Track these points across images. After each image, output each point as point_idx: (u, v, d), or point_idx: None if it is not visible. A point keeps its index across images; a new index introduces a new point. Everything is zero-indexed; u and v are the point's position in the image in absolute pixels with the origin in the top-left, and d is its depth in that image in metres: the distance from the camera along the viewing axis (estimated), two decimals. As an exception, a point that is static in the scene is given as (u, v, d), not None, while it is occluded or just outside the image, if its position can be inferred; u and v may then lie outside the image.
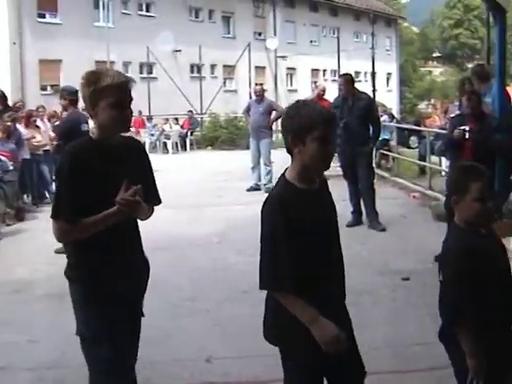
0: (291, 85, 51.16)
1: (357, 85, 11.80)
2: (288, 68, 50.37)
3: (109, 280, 3.80)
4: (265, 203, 3.44)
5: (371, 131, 11.39)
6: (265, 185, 15.32)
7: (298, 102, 3.51)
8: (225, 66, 45.71)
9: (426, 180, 15.83)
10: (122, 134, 3.91)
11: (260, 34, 48.56)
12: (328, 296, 3.44)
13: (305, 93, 40.70)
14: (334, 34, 51.71)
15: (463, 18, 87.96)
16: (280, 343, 3.58)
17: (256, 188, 15.60)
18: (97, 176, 3.69)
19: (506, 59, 9.24)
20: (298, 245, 3.34)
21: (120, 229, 3.75)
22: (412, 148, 26.70)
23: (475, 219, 3.61)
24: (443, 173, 16.28)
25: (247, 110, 16.09)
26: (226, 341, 6.10)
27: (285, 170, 3.53)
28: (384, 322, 6.54)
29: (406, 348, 5.93)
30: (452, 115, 17.07)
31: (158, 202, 4.11)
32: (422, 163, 17.75)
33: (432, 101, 46.97)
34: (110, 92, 3.66)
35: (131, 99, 3.77)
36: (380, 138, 13.94)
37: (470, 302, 3.50)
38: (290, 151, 3.46)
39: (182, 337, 6.38)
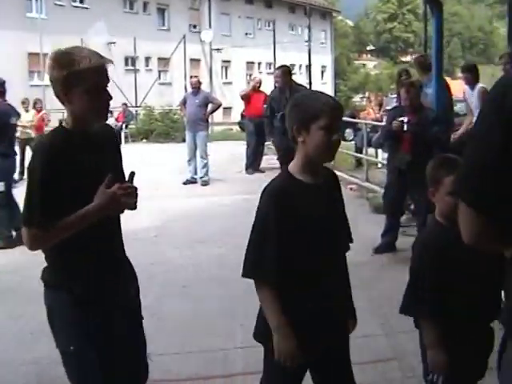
0: (226, 77, 51.08)
1: (293, 77, 11.78)
2: (223, 61, 50.33)
3: (95, 283, 3.37)
4: (262, 192, 3.35)
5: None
6: (201, 178, 15.26)
7: (304, 91, 3.42)
8: (160, 58, 45.45)
9: (362, 172, 15.90)
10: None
11: (195, 27, 48.39)
12: (328, 293, 3.33)
13: (240, 85, 40.57)
14: (269, 26, 51.80)
15: (397, 11, 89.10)
16: (263, 340, 3.46)
17: (192, 181, 15.46)
18: (75, 171, 3.24)
19: (442, 52, 9.31)
20: (293, 238, 3.24)
21: (105, 223, 3.34)
22: (347, 140, 26.85)
23: (449, 213, 3.50)
24: (380, 165, 16.41)
25: (183, 103, 15.93)
26: (165, 337, 5.96)
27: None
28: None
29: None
30: (389, 107, 17.26)
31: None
32: (359, 155, 17.83)
33: (366, 94, 47.23)
34: (86, 76, 3.18)
35: (108, 82, 3.36)
36: (316, 131, 13.87)
37: (431, 295, 3.44)
38: (294, 141, 3.34)
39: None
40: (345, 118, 25.46)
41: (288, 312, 3.25)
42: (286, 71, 11.29)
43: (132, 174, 3.40)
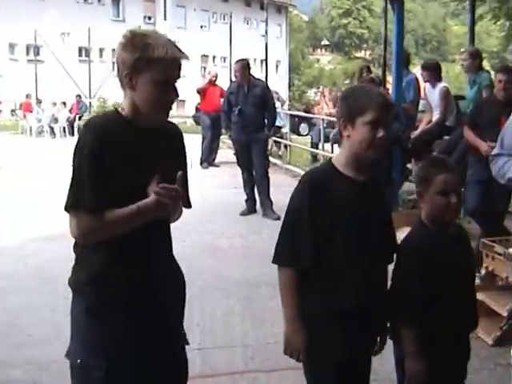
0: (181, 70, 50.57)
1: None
2: (178, 53, 50.00)
3: (126, 291, 2.99)
4: (300, 179, 3.30)
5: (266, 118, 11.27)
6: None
7: (355, 85, 3.31)
8: (114, 49, 44.68)
9: (318, 168, 15.86)
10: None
11: (150, 18, 48.04)
12: (361, 296, 3.23)
13: (194, 79, 40.38)
14: (224, 19, 51.65)
15: (352, 7, 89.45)
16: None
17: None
18: (125, 162, 2.91)
19: (403, 49, 9.29)
20: (327, 230, 3.17)
21: (148, 226, 2.94)
22: (302, 135, 26.86)
23: (437, 214, 3.45)
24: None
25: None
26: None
27: None
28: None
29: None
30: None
31: (189, 205, 3.26)
32: (315, 151, 17.80)
33: (320, 88, 47.49)
34: (159, 66, 2.89)
35: (178, 78, 3.02)
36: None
37: (418, 301, 3.35)
38: (341, 135, 3.27)
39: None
40: (299, 113, 25.59)
41: (317, 308, 3.22)
42: (244, 65, 11.14)
43: (180, 176, 2.98)
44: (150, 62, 2.88)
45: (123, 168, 2.90)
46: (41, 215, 10.85)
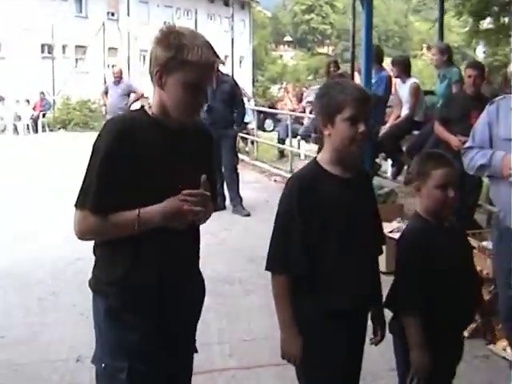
0: (144, 66, 50.41)
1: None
2: (141, 50, 49.71)
3: (145, 293, 2.94)
4: (287, 182, 3.28)
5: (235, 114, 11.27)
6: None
7: (329, 81, 3.29)
8: (77, 46, 44.59)
9: (286, 163, 15.89)
10: None
11: (113, 15, 47.67)
12: (355, 294, 3.22)
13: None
14: (188, 15, 51.53)
15: (314, 3, 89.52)
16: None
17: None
18: (148, 162, 2.83)
19: (372, 45, 9.31)
20: (318, 230, 3.15)
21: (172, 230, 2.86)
22: (267, 131, 26.86)
23: (435, 208, 3.46)
24: (302, 156, 16.47)
25: (105, 92, 15.77)
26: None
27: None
28: (258, 311, 6.34)
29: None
30: (310, 98, 17.29)
31: (216, 208, 3.18)
32: (282, 146, 17.83)
33: (284, 84, 47.47)
34: (191, 69, 2.79)
35: (210, 83, 2.97)
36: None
37: (419, 293, 3.36)
38: (321, 133, 3.26)
39: (49, 335, 5.97)
40: (265, 109, 25.59)
41: (303, 308, 3.19)
42: (212, 61, 11.11)
43: (204, 179, 2.88)
44: (182, 64, 2.80)
45: (146, 169, 2.83)
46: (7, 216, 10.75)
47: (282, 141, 18.38)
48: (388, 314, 3.57)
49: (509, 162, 4.25)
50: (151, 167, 2.84)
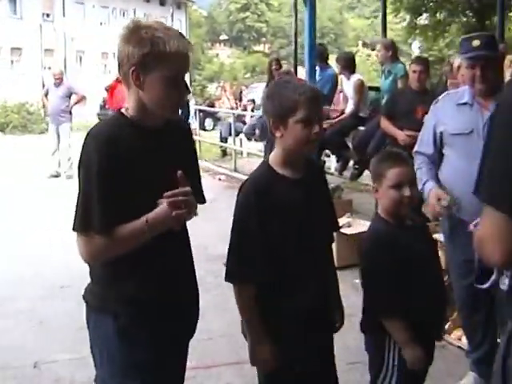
0: (81, 67, 49.96)
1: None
2: (78, 50, 49.20)
3: (157, 309, 2.84)
4: (241, 187, 3.18)
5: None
6: (65, 172, 14.91)
7: (278, 80, 3.19)
8: (12, 48, 43.90)
9: (229, 162, 15.92)
10: None
11: (48, 16, 47.07)
12: (315, 292, 3.18)
13: (95, 76, 40.00)
14: (124, 15, 51.16)
15: (249, 2, 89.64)
16: None
17: (56, 175, 15.06)
18: (138, 169, 2.71)
19: (315, 42, 9.34)
20: (276, 235, 3.09)
21: (167, 237, 2.76)
22: (207, 130, 26.83)
23: (392, 208, 3.44)
24: (245, 154, 16.54)
25: (45, 94, 15.55)
26: (53, 342, 5.68)
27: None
28: (214, 310, 6.32)
29: (240, 337, 5.78)
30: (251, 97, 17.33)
31: (203, 200, 3.08)
32: (225, 145, 17.85)
33: (221, 83, 47.48)
34: (171, 62, 2.63)
35: (187, 72, 2.78)
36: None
37: (392, 294, 3.34)
38: (272, 134, 3.16)
39: (6, 341, 5.87)
40: (205, 108, 25.55)
41: (274, 314, 3.14)
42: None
43: (181, 175, 2.76)
44: (160, 58, 2.63)
45: (139, 175, 2.72)
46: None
47: (224, 139, 18.38)
48: (358, 312, 3.59)
49: (434, 199, 4.35)
50: (143, 173, 2.73)
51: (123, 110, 2.82)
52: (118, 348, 2.81)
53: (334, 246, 3.53)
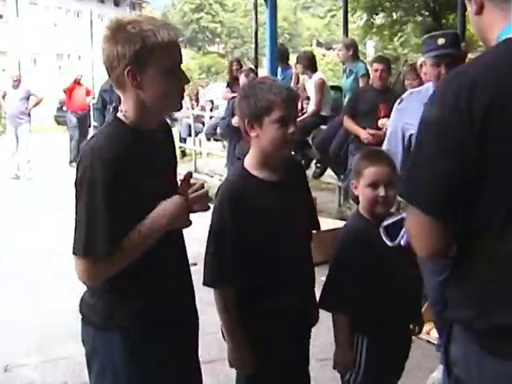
0: (36, 69, 49.47)
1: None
2: (32, 52, 48.72)
3: (166, 324, 2.72)
4: (217, 193, 3.13)
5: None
6: (24, 175, 14.83)
7: (253, 80, 3.15)
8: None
9: (189, 162, 15.90)
10: None
11: (2, 17, 46.58)
12: (295, 293, 3.18)
13: (50, 78, 39.60)
14: (78, 16, 50.83)
15: (203, 2, 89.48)
16: None
17: (16, 178, 14.91)
18: (146, 183, 2.53)
19: (277, 42, 9.40)
20: (253, 240, 3.07)
21: (171, 240, 2.67)
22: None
23: (368, 206, 3.44)
24: (204, 155, 16.57)
25: (3, 97, 15.46)
26: (23, 345, 5.64)
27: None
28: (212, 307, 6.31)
29: (215, 335, 5.78)
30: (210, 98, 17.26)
31: None
32: (184, 146, 17.81)
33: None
34: (165, 52, 2.46)
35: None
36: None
37: (351, 292, 3.33)
38: (247, 135, 3.11)
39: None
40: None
41: (253, 315, 3.14)
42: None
43: (189, 174, 2.70)
44: (153, 51, 2.46)
45: (144, 189, 2.53)
46: None
47: (183, 140, 18.33)
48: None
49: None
50: (150, 185, 2.55)
51: (119, 115, 2.63)
52: (126, 364, 2.68)
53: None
